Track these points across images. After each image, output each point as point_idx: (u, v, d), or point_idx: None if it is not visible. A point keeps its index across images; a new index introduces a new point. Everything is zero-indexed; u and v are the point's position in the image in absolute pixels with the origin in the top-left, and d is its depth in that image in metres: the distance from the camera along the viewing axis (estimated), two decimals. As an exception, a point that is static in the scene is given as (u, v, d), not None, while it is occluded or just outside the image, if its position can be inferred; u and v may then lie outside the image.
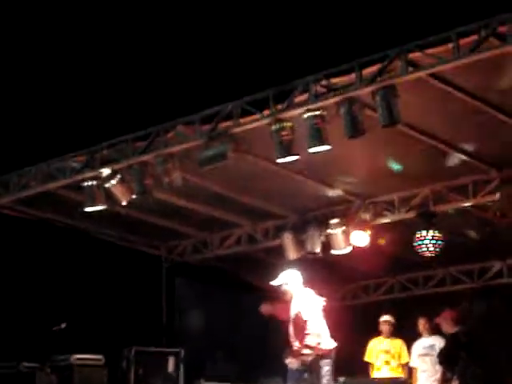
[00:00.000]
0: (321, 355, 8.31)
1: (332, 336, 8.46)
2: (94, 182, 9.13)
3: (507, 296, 12.13)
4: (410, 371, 10.30)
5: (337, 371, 10.09)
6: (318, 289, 8.76)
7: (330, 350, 8.41)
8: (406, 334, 10.61)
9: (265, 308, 8.77)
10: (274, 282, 8.69)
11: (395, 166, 9.51)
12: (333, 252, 11.01)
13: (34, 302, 10.90)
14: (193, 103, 9.15)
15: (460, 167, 9.49)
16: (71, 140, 10.31)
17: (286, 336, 8.61)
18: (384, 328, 10.49)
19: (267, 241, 11.59)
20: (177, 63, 12.51)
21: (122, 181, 9.08)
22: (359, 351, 10.85)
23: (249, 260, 12.32)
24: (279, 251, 11.30)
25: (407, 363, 10.30)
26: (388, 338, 10.49)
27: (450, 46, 7.08)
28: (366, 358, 10.54)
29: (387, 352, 10.39)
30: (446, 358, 9.47)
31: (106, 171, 9.11)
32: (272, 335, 12.10)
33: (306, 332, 8.28)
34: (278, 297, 9.30)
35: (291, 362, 10.44)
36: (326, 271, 12.96)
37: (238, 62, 12.48)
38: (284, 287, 8.61)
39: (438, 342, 10.05)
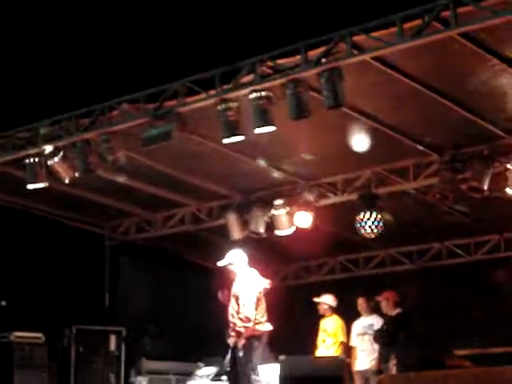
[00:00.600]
0: (255, 336, 8.44)
1: (269, 319, 8.63)
2: (37, 159, 9.03)
3: (445, 277, 12.40)
4: (349, 350, 10.45)
5: (277, 350, 10.25)
6: (260, 269, 8.87)
7: (264, 332, 8.54)
8: (347, 314, 10.74)
9: (222, 294, 8.89)
10: (220, 263, 8.77)
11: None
12: (276, 232, 11.09)
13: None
14: (138, 81, 9.09)
15: (402, 150, 9.62)
16: (14, 116, 10.15)
17: (227, 316, 8.70)
18: (320, 308, 10.61)
19: (211, 220, 11.63)
20: (123, 41, 12.39)
21: (64, 158, 8.99)
22: (301, 331, 10.98)
23: (193, 239, 12.34)
24: (223, 231, 11.34)
25: (342, 342, 10.43)
26: (329, 316, 10.62)
27: (394, 29, 7.16)
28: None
29: (325, 331, 10.52)
30: (383, 338, 9.64)
31: (48, 148, 9.01)
32: (215, 315, 12.19)
33: (239, 316, 8.39)
34: (223, 276, 9.39)
35: (232, 342, 10.56)
36: (268, 251, 13.08)
37: (185, 40, 12.42)
38: (230, 267, 8.70)
39: (377, 322, 10.22)
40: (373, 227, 10.30)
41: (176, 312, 12.14)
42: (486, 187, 9.19)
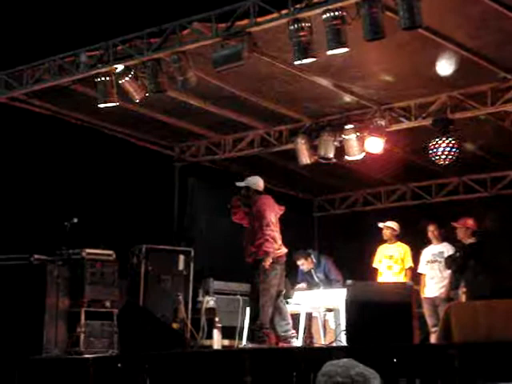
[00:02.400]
0: (278, 258, 8.53)
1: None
2: (107, 78, 9.04)
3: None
4: (418, 277, 10.37)
5: (343, 275, 10.26)
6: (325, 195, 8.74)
7: (282, 256, 8.62)
8: (415, 241, 10.64)
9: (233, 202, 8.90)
10: (238, 183, 8.84)
11: None
12: (346, 158, 10.96)
13: (46, 197, 10.96)
14: (209, 0, 8.94)
15: (479, 74, 9.31)
16: (85, 34, 10.15)
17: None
18: (385, 233, 10.50)
19: (280, 144, 11.54)
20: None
21: (135, 78, 8.98)
22: (367, 257, 10.93)
23: (261, 163, 12.31)
24: (292, 156, 11.27)
25: (411, 268, 10.34)
26: (393, 243, 10.52)
27: None
28: (374, 264, 10.62)
29: (391, 257, 10.43)
30: (456, 265, 9.53)
31: (119, 67, 9.01)
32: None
33: (265, 237, 8.45)
34: (290, 202, 9.39)
35: (302, 264, 10.60)
36: (337, 177, 12.99)
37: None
38: (245, 191, 8.73)
39: (447, 250, 10.09)
40: (446, 153, 10.06)
41: (242, 233, 12.19)
42: None
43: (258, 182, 8.91)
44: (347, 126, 10.74)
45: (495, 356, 6.20)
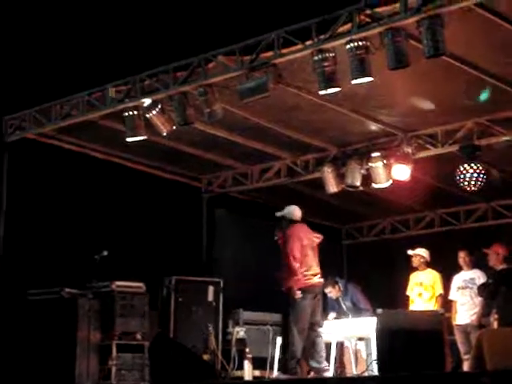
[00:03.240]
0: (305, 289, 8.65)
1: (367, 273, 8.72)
2: (135, 112, 9.15)
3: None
4: (449, 304, 10.29)
5: (373, 303, 10.21)
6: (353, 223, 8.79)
7: (314, 285, 8.76)
8: (444, 268, 10.58)
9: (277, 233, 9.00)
10: (277, 213, 8.92)
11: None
12: (373, 186, 10.97)
13: (77, 231, 11.06)
14: (234, 33, 9.04)
15: (506, 100, 9.30)
16: (112, 69, 10.29)
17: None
18: (414, 261, 10.46)
19: (307, 173, 11.58)
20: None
21: (162, 111, 9.08)
22: (397, 285, 10.89)
23: (288, 193, 12.34)
24: (319, 184, 11.29)
25: (441, 294, 10.28)
26: (423, 270, 10.47)
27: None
28: (407, 292, 10.57)
29: (421, 284, 10.38)
30: (488, 292, 9.46)
31: (146, 101, 9.12)
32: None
33: (288, 271, 8.66)
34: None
35: (330, 292, 10.59)
36: (365, 205, 12.98)
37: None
38: (284, 220, 8.80)
39: (478, 276, 10.03)
40: (472, 180, 10.05)
41: (270, 263, 12.21)
42: None
43: (293, 211, 8.96)
44: (374, 154, 10.76)
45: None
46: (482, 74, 8.70)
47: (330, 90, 8.10)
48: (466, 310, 10.11)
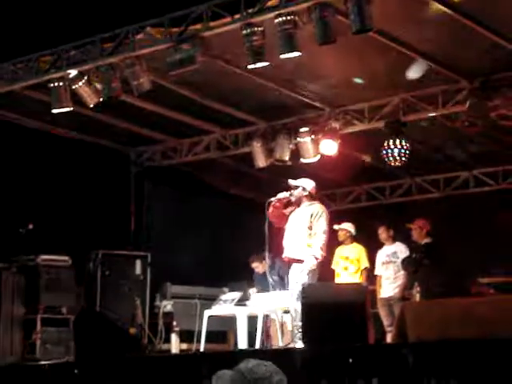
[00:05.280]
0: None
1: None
2: (61, 83, 9.00)
3: (472, 206, 12.32)
4: (374, 278, 10.46)
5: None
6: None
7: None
8: (371, 242, 10.74)
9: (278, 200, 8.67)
10: (291, 181, 8.63)
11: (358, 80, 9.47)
12: (302, 160, 11.04)
13: (0, 203, 10.84)
14: (163, 5, 8.94)
15: (430, 77, 9.45)
16: (38, 40, 10.07)
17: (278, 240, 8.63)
18: (340, 235, 10.58)
19: (236, 148, 11.59)
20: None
21: (89, 83, 8.96)
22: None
23: (217, 167, 12.34)
24: (248, 159, 11.32)
25: (366, 268, 10.44)
26: (349, 244, 10.61)
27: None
28: (332, 266, 10.70)
29: (346, 258, 10.51)
30: (411, 266, 9.65)
31: (73, 72, 8.97)
32: (239, 240, 12.27)
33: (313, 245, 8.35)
34: (245, 204, 9.40)
35: (257, 267, 10.67)
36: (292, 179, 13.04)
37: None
38: (295, 191, 8.57)
39: (400, 250, 10.22)
40: (397, 155, 10.21)
41: (199, 238, 12.22)
42: (515, 114, 9.04)
43: (313, 186, 8.68)
44: (302, 129, 10.83)
45: (448, 354, 6.29)
46: (408, 50, 8.80)
47: (259, 64, 8.11)
48: (389, 283, 10.28)
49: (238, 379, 2.90)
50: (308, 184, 8.58)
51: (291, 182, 8.60)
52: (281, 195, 8.60)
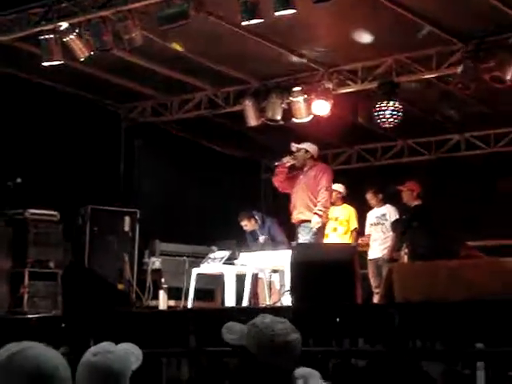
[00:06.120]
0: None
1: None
2: (52, 36, 8.89)
3: (463, 169, 12.31)
4: (364, 240, 10.46)
5: (288, 237, 10.35)
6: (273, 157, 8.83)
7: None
8: (361, 204, 10.73)
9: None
10: (294, 145, 8.78)
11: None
12: (294, 120, 10.98)
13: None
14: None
15: (425, 38, 9.37)
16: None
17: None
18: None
19: (228, 106, 11.50)
20: None
21: (80, 36, 8.85)
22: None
23: (209, 125, 12.26)
24: (240, 117, 11.24)
25: (356, 229, 10.45)
26: (339, 205, 10.60)
27: None
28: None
29: (336, 219, 10.51)
30: (400, 228, 9.68)
31: (64, 25, 8.86)
32: (229, 199, 12.26)
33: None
34: (237, 163, 9.37)
35: (246, 225, 10.67)
36: (284, 139, 12.99)
37: None
38: (298, 154, 8.71)
39: (389, 212, 10.24)
40: (389, 116, 10.17)
41: (189, 196, 12.19)
42: (509, 77, 8.98)
43: (316, 148, 8.86)
44: (295, 89, 10.75)
45: (434, 316, 6.32)
46: (403, 11, 8.71)
47: (253, 21, 8.05)
48: (378, 244, 10.31)
49: (254, 334, 2.87)
50: (311, 147, 8.73)
51: (294, 145, 8.71)
52: (284, 159, 8.74)
